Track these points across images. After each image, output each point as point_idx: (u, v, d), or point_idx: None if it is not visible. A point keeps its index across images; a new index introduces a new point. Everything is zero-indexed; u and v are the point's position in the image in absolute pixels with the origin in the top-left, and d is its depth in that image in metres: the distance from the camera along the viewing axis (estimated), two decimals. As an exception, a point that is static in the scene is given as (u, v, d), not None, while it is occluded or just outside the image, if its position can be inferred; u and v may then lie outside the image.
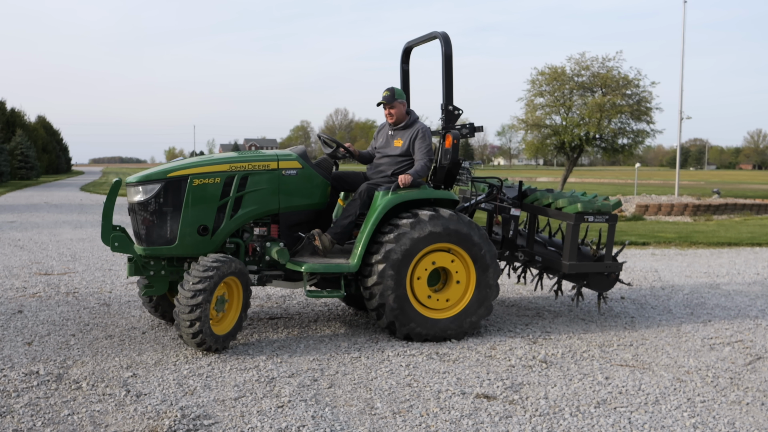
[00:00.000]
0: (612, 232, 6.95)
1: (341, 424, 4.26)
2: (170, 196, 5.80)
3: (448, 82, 6.40)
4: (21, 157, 44.12)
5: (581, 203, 6.77)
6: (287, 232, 6.27)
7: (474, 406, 4.60)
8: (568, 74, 29.84)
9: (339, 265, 5.97)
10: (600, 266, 6.89)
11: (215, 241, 5.95)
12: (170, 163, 6.13)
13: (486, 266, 6.23)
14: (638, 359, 5.78)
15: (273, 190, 6.10)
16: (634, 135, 29.79)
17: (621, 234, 14.80)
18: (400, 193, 6.14)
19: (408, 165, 6.49)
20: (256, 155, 6.23)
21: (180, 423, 4.21)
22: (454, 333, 6.18)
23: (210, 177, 5.89)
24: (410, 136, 6.46)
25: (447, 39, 6.39)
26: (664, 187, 43.80)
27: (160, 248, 5.84)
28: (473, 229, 6.18)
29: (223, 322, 5.73)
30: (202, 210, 5.86)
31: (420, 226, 5.99)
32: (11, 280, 8.75)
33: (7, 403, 4.52)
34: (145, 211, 5.79)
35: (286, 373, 5.21)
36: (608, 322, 7.12)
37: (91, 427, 4.16)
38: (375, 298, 5.99)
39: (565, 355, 5.84)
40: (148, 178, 5.84)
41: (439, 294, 6.22)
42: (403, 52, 7.32)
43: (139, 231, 5.87)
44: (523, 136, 33.41)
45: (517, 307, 7.77)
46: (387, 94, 6.48)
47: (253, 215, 6.06)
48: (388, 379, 5.12)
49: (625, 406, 4.67)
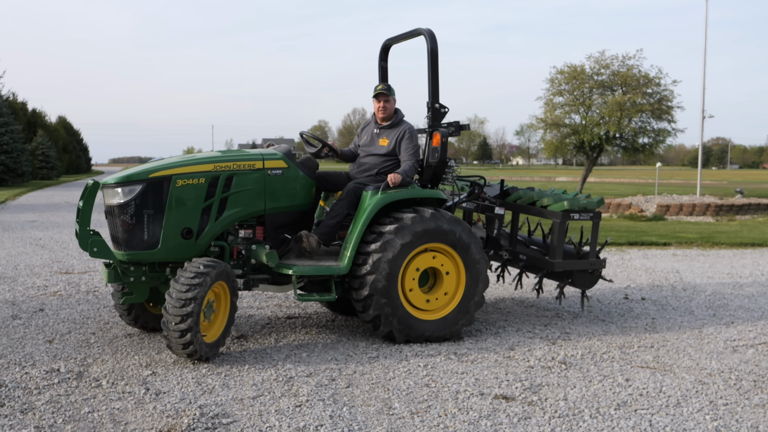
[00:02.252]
0: (596, 229, 6.95)
1: (359, 424, 4.25)
2: (152, 197, 5.50)
3: (434, 80, 6.30)
4: (42, 157, 44.59)
5: (567, 201, 6.76)
6: (273, 234, 6.05)
7: (492, 407, 4.58)
8: (587, 73, 29.64)
9: (329, 268, 5.79)
10: (586, 264, 6.88)
11: (199, 244, 5.69)
12: (150, 163, 5.88)
13: (475, 263, 6.16)
14: (659, 361, 5.72)
15: (259, 191, 5.88)
16: (655, 134, 29.53)
17: (643, 234, 14.70)
18: (389, 193, 5.98)
19: (393, 164, 6.37)
20: (241, 154, 6.02)
21: (199, 421, 4.22)
22: (449, 332, 6.12)
23: (194, 177, 5.62)
24: (396, 135, 6.34)
25: (432, 35, 6.27)
26: (685, 186, 43.38)
27: (142, 253, 5.55)
28: (463, 228, 6.12)
29: (212, 329, 5.48)
30: (186, 212, 5.59)
31: (410, 227, 5.88)
32: (33, 279, 8.84)
33: (28, 400, 4.56)
34: (124, 213, 5.47)
35: (304, 373, 5.21)
36: (629, 323, 7.06)
37: (111, 424, 4.19)
38: (369, 310, 5.86)
39: (584, 357, 5.79)
40: (128, 179, 5.53)
41: (431, 294, 6.13)
42: (382, 49, 7.17)
43: (118, 235, 5.56)
44: (542, 135, 33.24)
45: (536, 307, 7.72)
46: (384, 87, 6.39)
47: (238, 217, 5.84)
48: (406, 379, 5.10)
49: (646, 409, 4.62)
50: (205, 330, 5.38)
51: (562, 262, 6.75)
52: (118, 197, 5.50)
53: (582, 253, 6.96)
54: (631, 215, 19.50)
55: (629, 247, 13.10)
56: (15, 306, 7.29)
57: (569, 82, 29.96)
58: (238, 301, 7.55)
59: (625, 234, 14.73)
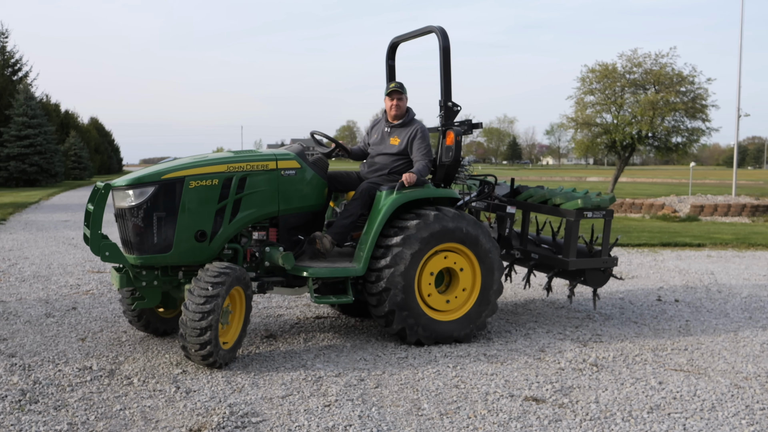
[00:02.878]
0: (608, 227, 6.90)
1: (388, 425, 4.24)
2: (165, 199, 5.34)
3: (446, 78, 6.22)
4: (74, 157, 45.34)
5: (581, 199, 6.71)
6: (286, 235, 5.93)
7: (522, 409, 4.53)
8: (619, 71, 29.34)
9: (346, 269, 5.71)
10: (598, 262, 6.83)
11: (213, 247, 5.55)
12: (162, 164, 5.74)
13: (491, 264, 6.11)
14: (693, 364, 5.62)
15: (272, 192, 5.74)
16: (689, 133, 29.13)
17: (677, 235, 14.49)
18: (404, 193, 5.91)
19: (404, 163, 6.30)
20: (254, 155, 5.89)
21: (228, 420, 4.24)
22: (463, 334, 6.06)
23: (207, 178, 5.48)
24: (408, 135, 6.26)
25: (444, 33, 6.19)
26: (720, 186, 42.69)
27: (154, 257, 5.39)
28: (479, 228, 6.06)
29: (227, 334, 5.36)
30: (200, 214, 5.45)
31: (428, 227, 5.83)
32: (65, 278, 8.97)
33: (62, 396, 4.62)
34: (136, 216, 5.32)
35: (333, 373, 5.21)
36: (662, 325, 6.95)
37: (142, 422, 4.23)
38: (384, 305, 5.77)
39: (616, 359, 5.71)
40: (139, 180, 5.37)
41: (449, 294, 6.08)
42: (390, 48, 7.07)
43: (130, 239, 5.41)
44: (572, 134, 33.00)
45: (567, 309, 7.64)
46: (398, 84, 6.32)
47: (252, 219, 5.69)
48: (435, 380, 5.08)
49: (680, 412, 4.54)
50: (222, 336, 5.28)
51: (576, 260, 6.71)
52: (130, 200, 5.36)
53: (595, 251, 6.91)
54: (664, 216, 19.22)
55: (662, 248, 12.91)
56: (48, 304, 7.40)
57: (600, 80, 29.68)
58: (268, 301, 7.60)
59: (658, 235, 14.52)
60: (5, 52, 38.84)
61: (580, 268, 6.77)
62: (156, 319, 6.06)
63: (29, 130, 35.46)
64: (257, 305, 7.46)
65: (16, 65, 39.41)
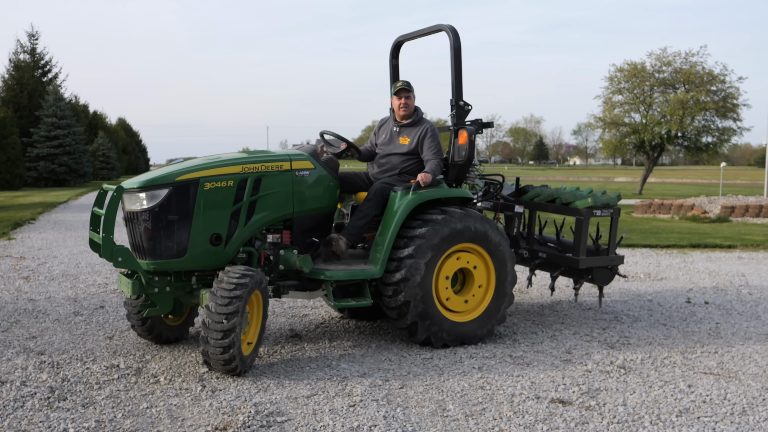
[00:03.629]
0: (615, 225, 6.89)
1: (413, 425, 4.22)
2: (179, 202, 5.16)
3: (457, 77, 6.15)
4: (102, 157, 45.95)
5: (591, 198, 6.72)
6: (300, 237, 5.80)
7: (549, 411, 4.49)
8: (648, 70, 29.04)
9: (364, 271, 5.62)
10: (607, 260, 6.83)
11: (228, 251, 5.38)
12: (174, 165, 5.56)
13: (503, 257, 6.06)
14: (723, 367, 5.52)
15: (287, 193, 5.60)
16: (720, 133, 28.75)
17: (707, 236, 14.28)
18: (419, 193, 5.82)
19: (415, 163, 6.23)
20: (268, 155, 5.76)
21: (254, 419, 4.25)
22: (478, 336, 6.02)
23: (222, 180, 5.31)
24: (418, 134, 6.19)
25: (455, 32, 6.11)
26: (751, 187, 42.00)
27: (168, 262, 5.20)
28: (487, 223, 6.00)
29: (245, 341, 5.18)
30: (215, 217, 5.28)
31: (446, 226, 5.77)
32: (93, 277, 9.08)
33: (90, 394, 4.67)
34: (149, 220, 5.12)
35: (358, 373, 5.21)
36: (691, 327, 6.84)
37: (168, 420, 4.25)
38: (406, 317, 5.70)
39: (644, 361, 5.63)
40: (152, 182, 5.17)
41: (466, 294, 6.03)
42: (394, 47, 6.96)
43: (142, 243, 5.21)
44: (600, 134, 32.76)
45: (594, 311, 7.55)
46: (405, 83, 6.21)
47: (267, 221, 5.55)
48: (461, 381, 5.05)
49: (710, 416, 4.46)
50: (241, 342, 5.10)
51: (586, 258, 6.69)
52: (142, 202, 5.16)
53: (602, 249, 6.91)
54: (694, 216, 18.95)
55: (692, 250, 12.73)
56: (77, 303, 7.50)
57: (629, 80, 29.40)
58: (293, 301, 7.62)
59: (688, 236, 14.33)
60: (35, 54, 39.50)
61: (590, 266, 6.76)
62: (162, 326, 5.84)
63: (58, 131, 36.04)
64: (282, 304, 7.49)
65: (46, 67, 40.07)
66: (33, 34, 39.66)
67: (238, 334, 4.86)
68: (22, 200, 23.45)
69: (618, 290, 8.65)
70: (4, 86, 37.71)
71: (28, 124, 36.63)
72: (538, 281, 8.92)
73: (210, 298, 4.89)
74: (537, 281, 8.90)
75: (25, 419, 4.22)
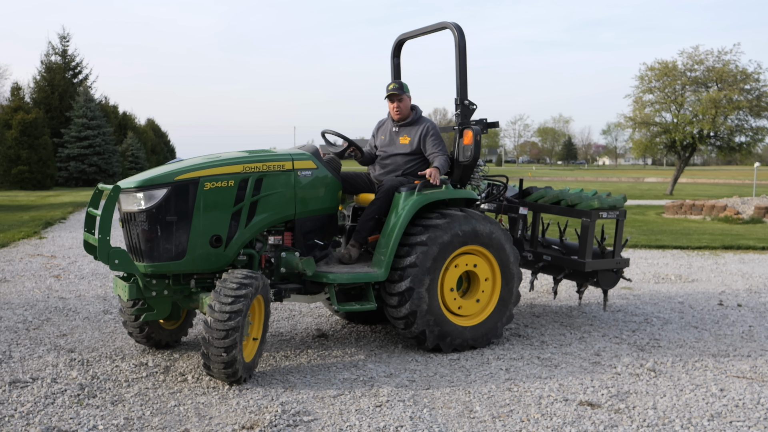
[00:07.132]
0: (621, 227, 6.79)
1: (439, 426, 4.20)
2: (178, 202, 4.98)
3: (462, 76, 6.02)
4: (132, 158, 46.44)
5: (598, 199, 6.63)
6: (302, 239, 5.62)
7: (577, 414, 4.43)
8: (680, 69, 28.66)
9: (368, 274, 5.47)
10: (612, 263, 6.72)
11: (229, 253, 5.21)
12: (173, 164, 5.40)
13: (510, 268, 5.96)
14: (757, 371, 5.42)
15: (289, 194, 5.45)
16: (753, 132, 28.28)
17: (740, 237, 14.03)
18: (425, 194, 5.71)
19: (418, 163, 6.14)
20: (270, 154, 5.56)
21: (280, 418, 4.26)
22: (488, 337, 5.93)
23: (223, 179, 5.13)
24: (418, 133, 6.09)
25: (460, 30, 5.97)
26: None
27: (167, 264, 5.01)
28: (488, 222, 5.89)
29: (247, 347, 4.99)
30: (215, 218, 5.10)
31: (452, 228, 5.66)
32: (125, 275, 9.17)
33: (119, 392, 4.72)
34: (147, 221, 4.94)
35: (385, 373, 5.19)
36: (723, 330, 6.72)
37: (196, 418, 4.28)
38: (405, 305, 5.54)
39: (675, 364, 5.54)
40: (150, 182, 4.97)
41: (476, 293, 5.93)
42: (396, 45, 6.81)
43: (139, 245, 5.02)
44: (630, 134, 32.42)
45: (623, 312, 7.46)
46: (396, 86, 6.06)
47: (269, 222, 5.38)
48: (488, 383, 5.01)
49: (742, 421, 4.37)
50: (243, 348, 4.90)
51: (592, 261, 6.60)
52: (140, 203, 4.97)
53: (607, 252, 6.80)
54: (727, 218, 18.64)
55: (724, 251, 12.52)
56: (106, 301, 7.59)
57: (660, 79, 29.04)
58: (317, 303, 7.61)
59: (720, 237, 14.09)
60: (66, 56, 40.10)
61: (596, 269, 6.66)
62: (158, 331, 5.67)
63: (88, 131, 36.52)
64: (309, 305, 7.50)
65: (77, 68, 40.64)
66: (64, 36, 40.27)
67: (241, 336, 4.69)
68: (53, 200, 23.83)
69: (648, 292, 8.54)
70: (35, 88, 38.37)
71: (59, 125, 37.21)
72: (549, 284, 8.84)
73: (214, 296, 4.74)
74: (546, 284, 8.81)
75: (55, 416, 4.28)
